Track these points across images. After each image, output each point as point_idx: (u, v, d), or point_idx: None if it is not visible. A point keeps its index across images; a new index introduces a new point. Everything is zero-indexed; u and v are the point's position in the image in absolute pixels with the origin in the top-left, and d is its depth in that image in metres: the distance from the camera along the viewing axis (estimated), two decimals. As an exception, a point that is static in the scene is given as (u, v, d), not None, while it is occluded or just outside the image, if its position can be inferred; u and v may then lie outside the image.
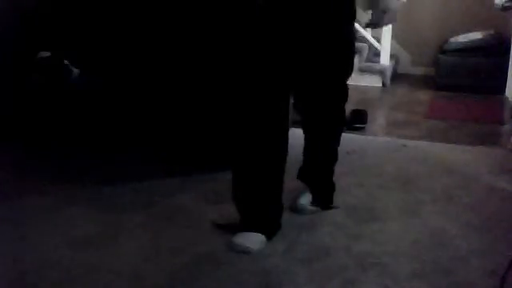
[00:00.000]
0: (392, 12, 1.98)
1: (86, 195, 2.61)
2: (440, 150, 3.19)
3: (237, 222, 2.20)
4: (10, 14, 3.29)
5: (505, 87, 4.26)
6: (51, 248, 2.16)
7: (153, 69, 2.95)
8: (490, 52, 4.43)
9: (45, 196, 2.59)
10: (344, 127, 2.44)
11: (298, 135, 2.36)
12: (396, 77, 4.95)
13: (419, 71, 5.09)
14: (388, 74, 4.71)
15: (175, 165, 2.90)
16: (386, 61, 4.76)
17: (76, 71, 3.43)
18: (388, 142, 3.35)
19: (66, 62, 3.43)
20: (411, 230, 2.29)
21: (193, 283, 1.94)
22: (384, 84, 4.69)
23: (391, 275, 1.97)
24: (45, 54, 3.42)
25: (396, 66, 5.05)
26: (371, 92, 4.53)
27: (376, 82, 4.67)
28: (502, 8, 4.03)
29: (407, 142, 3.31)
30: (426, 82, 4.77)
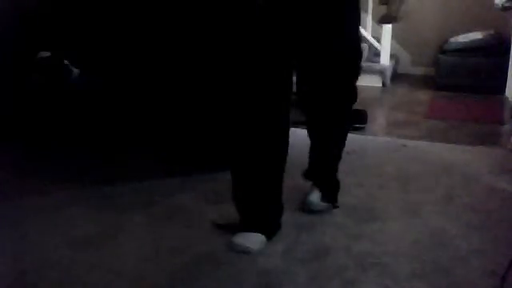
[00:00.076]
0: (405, 6, 1.98)
1: (86, 195, 2.61)
2: (440, 150, 3.19)
3: (237, 222, 2.20)
4: (10, 14, 3.29)
5: (505, 87, 4.26)
6: (51, 248, 2.16)
7: (153, 69, 2.95)
8: (490, 52, 4.42)
9: (45, 196, 2.59)
10: (350, 127, 2.44)
11: (298, 135, 2.36)
12: (396, 77, 4.94)
13: (419, 71, 5.08)
14: (388, 74, 4.70)
15: (175, 165, 2.90)
16: (386, 61, 4.75)
17: (76, 71, 3.44)
18: (388, 142, 3.34)
19: (66, 62, 3.44)
20: (411, 230, 2.29)
21: (193, 283, 1.94)
22: (384, 84, 4.69)
23: (391, 275, 1.97)
24: (45, 54, 3.42)
25: (396, 66, 5.04)
26: (371, 92, 4.52)
27: (376, 82, 4.67)
28: (502, 8, 4.02)
29: (407, 142, 3.30)
30: (426, 82, 4.77)
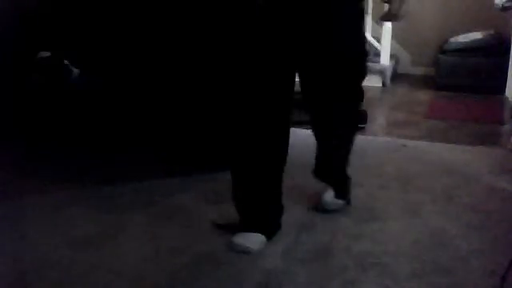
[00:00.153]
0: (407, 5, 1.95)
1: (86, 195, 2.61)
2: (440, 150, 3.19)
3: (237, 222, 2.20)
4: (10, 14, 3.29)
5: (505, 87, 4.26)
6: (51, 248, 2.16)
7: (153, 69, 2.95)
8: (490, 52, 4.42)
9: (45, 196, 2.59)
10: (357, 128, 2.43)
11: (298, 135, 2.36)
12: (396, 77, 4.94)
13: (419, 71, 5.08)
14: (388, 74, 4.70)
15: (175, 165, 2.90)
16: (386, 61, 4.75)
17: (76, 71, 3.44)
18: (388, 142, 3.34)
19: (66, 62, 3.44)
20: (411, 230, 2.29)
21: (193, 283, 1.94)
22: (384, 84, 4.69)
23: (391, 275, 1.97)
24: (45, 54, 3.42)
25: (396, 66, 5.04)
26: (371, 92, 4.51)
27: (376, 82, 4.66)
28: (502, 8, 4.02)
29: (407, 142, 3.30)
30: (426, 82, 4.77)
